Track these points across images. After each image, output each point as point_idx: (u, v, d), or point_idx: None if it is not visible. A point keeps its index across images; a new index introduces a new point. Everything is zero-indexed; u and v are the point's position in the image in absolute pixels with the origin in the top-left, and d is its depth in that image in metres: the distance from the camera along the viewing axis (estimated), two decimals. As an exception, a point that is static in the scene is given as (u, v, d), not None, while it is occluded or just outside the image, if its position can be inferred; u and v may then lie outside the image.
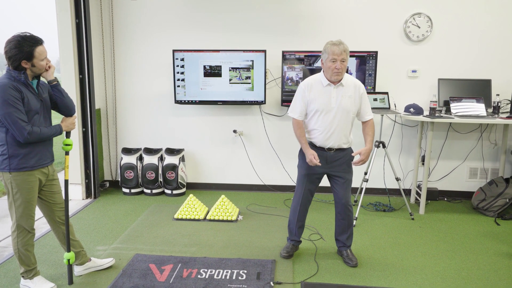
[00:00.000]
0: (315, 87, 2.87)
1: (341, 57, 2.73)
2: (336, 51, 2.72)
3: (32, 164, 2.44)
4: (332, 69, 2.75)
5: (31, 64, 2.35)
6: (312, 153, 2.87)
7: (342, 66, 2.74)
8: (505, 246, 3.40)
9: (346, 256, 3.07)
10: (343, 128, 2.88)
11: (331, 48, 2.74)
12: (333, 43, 2.76)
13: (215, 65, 4.43)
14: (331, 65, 2.75)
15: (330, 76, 2.79)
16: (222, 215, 3.90)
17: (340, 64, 2.73)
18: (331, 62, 2.75)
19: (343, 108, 2.84)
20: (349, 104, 2.85)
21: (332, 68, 2.75)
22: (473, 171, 4.58)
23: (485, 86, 4.22)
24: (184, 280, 2.77)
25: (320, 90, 2.85)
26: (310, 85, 2.88)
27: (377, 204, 4.34)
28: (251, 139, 4.75)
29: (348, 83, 2.86)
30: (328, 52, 2.76)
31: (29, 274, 2.61)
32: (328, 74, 2.81)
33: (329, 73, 2.79)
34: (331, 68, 2.76)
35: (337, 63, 2.73)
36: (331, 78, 2.80)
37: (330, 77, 2.81)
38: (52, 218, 2.69)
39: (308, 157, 2.88)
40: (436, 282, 2.81)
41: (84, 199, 4.53)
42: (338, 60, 2.73)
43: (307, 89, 2.87)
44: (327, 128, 2.86)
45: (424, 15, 4.28)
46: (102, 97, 4.74)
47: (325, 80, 2.85)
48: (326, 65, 2.79)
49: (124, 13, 4.60)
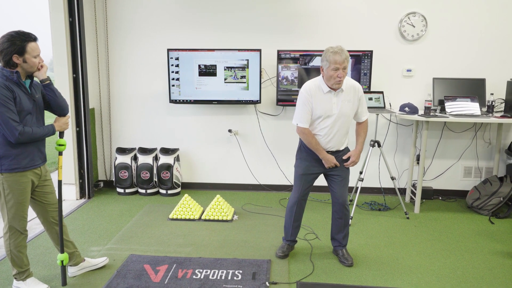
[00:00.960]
0: (316, 94, 2.82)
1: (343, 66, 2.68)
2: (339, 60, 2.66)
3: (24, 165, 2.42)
4: (335, 77, 2.70)
5: (23, 60, 2.32)
6: (330, 158, 2.90)
7: (343, 74, 2.71)
8: (499, 244, 3.42)
9: (341, 255, 3.07)
10: (342, 132, 2.89)
11: (333, 57, 2.66)
12: (335, 51, 2.68)
13: (210, 64, 4.41)
14: (333, 74, 2.69)
15: (332, 84, 2.75)
16: (217, 215, 3.89)
17: (342, 72, 2.69)
18: (333, 71, 2.69)
19: (344, 114, 2.84)
20: (348, 109, 2.85)
21: (334, 76, 2.70)
22: (468, 170, 4.59)
23: (480, 85, 4.24)
24: (179, 281, 2.75)
25: (321, 97, 2.81)
26: (311, 90, 2.82)
27: (372, 203, 4.35)
28: (247, 139, 4.74)
29: (347, 87, 2.83)
30: (330, 61, 2.68)
31: (22, 275, 2.59)
32: (329, 83, 2.76)
33: (331, 82, 2.74)
34: (333, 77, 2.70)
35: (339, 72, 2.68)
36: (333, 86, 2.76)
37: (332, 85, 2.77)
38: (46, 219, 2.66)
39: (328, 163, 2.90)
40: (432, 281, 2.81)
41: (78, 199, 4.49)
42: (341, 69, 2.68)
43: (309, 95, 2.82)
44: (328, 133, 2.86)
45: (419, 15, 4.29)
46: (96, 97, 4.71)
47: (325, 87, 2.80)
48: (328, 74, 2.72)
49: (118, 12, 4.56)
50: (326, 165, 2.92)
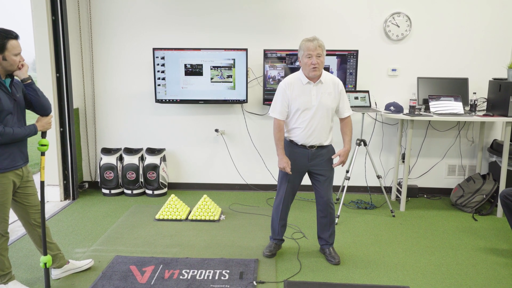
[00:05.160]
0: (296, 86, 2.87)
1: (316, 52, 2.75)
2: (311, 46, 2.75)
3: (5, 166, 2.36)
4: (309, 64, 2.77)
5: (3, 57, 2.28)
6: (286, 161, 2.91)
7: (318, 61, 2.76)
8: (482, 241, 3.48)
9: (328, 254, 3.08)
10: (324, 125, 2.89)
11: (306, 44, 2.78)
12: (308, 39, 2.80)
13: (196, 63, 4.38)
14: (307, 61, 2.78)
15: (308, 72, 2.81)
16: (204, 215, 3.87)
17: (316, 59, 2.75)
18: (307, 58, 2.78)
19: (323, 106, 2.85)
20: (329, 101, 2.87)
21: (308, 64, 2.77)
22: (452, 168, 4.67)
23: (463, 84, 4.31)
24: (166, 281, 2.73)
25: (300, 88, 2.86)
26: (290, 84, 2.88)
27: (358, 201, 4.38)
28: (233, 138, 4.73)
29: (327, 80, 2.88)
30: (303, 49, 2.79)
31: (4, 279, 2.53)
32: (306, 71, 2.83)
33: (306, 70, 2.81)
34: (307, 64, 2.78)
35: (313, 59, 2.75)
36: (309, 74, 2.81)
37: (308, 74, 2.82)
38: (27, 221, 2.61)
39: (282, 164, 2.92)
40: (417, 278, 2.85)
41: (62, 200, 4.41)
42: (314, 56, 2.75)
43: (288, 88, 2.87)
44: (308, 126, 2.87)
45: (403, 15, 4.34)
46: (80, 96, 4.63)
47: (304, 78, 2.85)
48: (303, 62, 2.81)
49: (103, 10, 4.50)
50: (278, 165, 2.94)
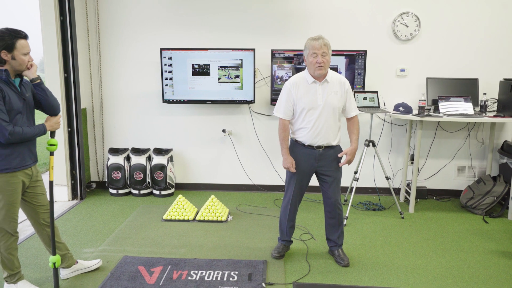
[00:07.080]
0: (301, 85, 2.85)
1: (321, 51, 2.73)
2: (316, 45, 2.73)
3: (15, 165, 2.36)
4: (314, 63, 2.75)
5: (11, 56, 2.28)
6: (290, 161, 2.91)
7: (324, 60, 2.74)
8: (493, 243, 3.43)
9: (337, 255, 3.05)
10: (330, 125, 2.86)
11: (311, 43, 2.77)
12: (313, 38, 2.79)
13: (203, 63, 4.37)
14: (313, 60, 2.76)
15: (313, 71, 2.79)
16: (212, 215, 3.85)
17: (321, 58, 2.73)
18: (312, 57, 2.76)
19: (330, 105, 2.83)
20: (335, 101, 2.84)
21: (313, 62, 2.76)
22: (461, 169, 4.61)
23: (473, 85, 4.26)
24: (174, 282, 2.71)
25: (306, 88, 2.84)
26: (296, 83, 2.86)
27: (367, 203, 4.35)
28: (241, 139, 4.71)
29: (333, 80, 2.86)
30: (309, 48, 2.78)
31: (13, 278, 2.53)
32: (311, 70, 2.81)
33: (312, 69, 2.79)
34: (312, 63, 2.76)
35: (318, 57, 2.73)
36: (314, 73, 2.79)
37: (313, 73, 2.80)
38: (36, 221, 2.61)
39: (286, 164, 2.92)
40: (428, 281, 2.81)
41: (70, 200, 4.42)
42: (319, 54, 2.73)
43: (293, 87, 2.85)
44: (315, 126, 2.84)
45: (412, 14, 4.30)
46: (88, 96, 4.64)
47: (310, 78, 2.83)
48: (308, 61, 2.79)
49: (110, 10, 4.51)
50: (283, 164, 2.94)
